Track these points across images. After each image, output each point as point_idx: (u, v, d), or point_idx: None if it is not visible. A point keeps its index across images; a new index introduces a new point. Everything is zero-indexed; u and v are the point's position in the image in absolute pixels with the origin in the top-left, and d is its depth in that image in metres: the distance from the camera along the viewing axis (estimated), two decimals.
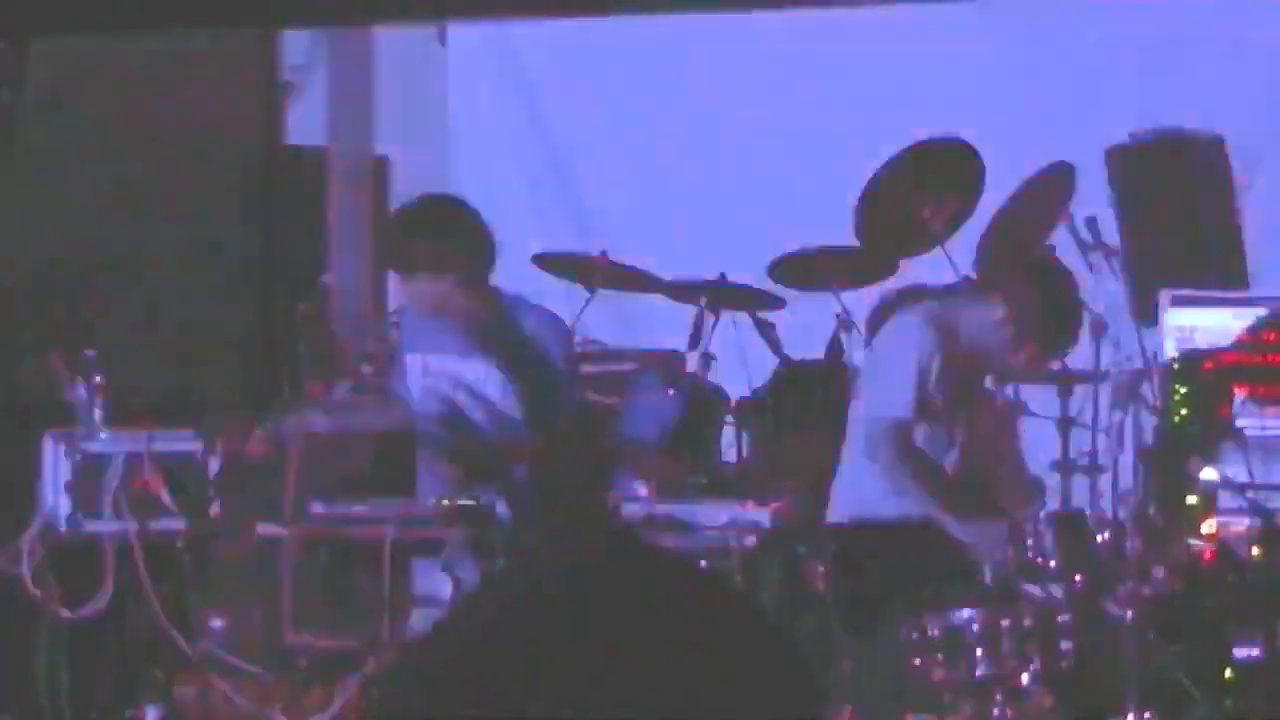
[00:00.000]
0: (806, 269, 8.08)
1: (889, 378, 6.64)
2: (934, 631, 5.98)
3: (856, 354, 7.94)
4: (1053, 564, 6.12)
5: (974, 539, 6.43)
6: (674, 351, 8.18)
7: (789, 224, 8.84)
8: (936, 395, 6.62)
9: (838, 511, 6.74)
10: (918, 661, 5.99)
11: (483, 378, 6.84)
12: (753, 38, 9.30)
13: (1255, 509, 6.53)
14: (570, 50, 9.66)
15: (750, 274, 8.14)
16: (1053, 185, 7.88)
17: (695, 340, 8.03)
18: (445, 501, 6.52)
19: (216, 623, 7.39)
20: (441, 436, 6.84)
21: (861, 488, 6.67)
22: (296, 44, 9.83)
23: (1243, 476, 6.72)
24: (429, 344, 6.91)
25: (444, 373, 6.88)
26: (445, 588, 6.60)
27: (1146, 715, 5.88)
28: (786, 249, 8.13)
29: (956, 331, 6.69)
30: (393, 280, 7.08)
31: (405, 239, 6.88)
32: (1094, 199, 8.21)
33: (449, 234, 6.83)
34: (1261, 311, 7.32)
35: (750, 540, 6.71)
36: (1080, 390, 8.28)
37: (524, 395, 6.79)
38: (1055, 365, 7.94)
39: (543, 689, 1.85)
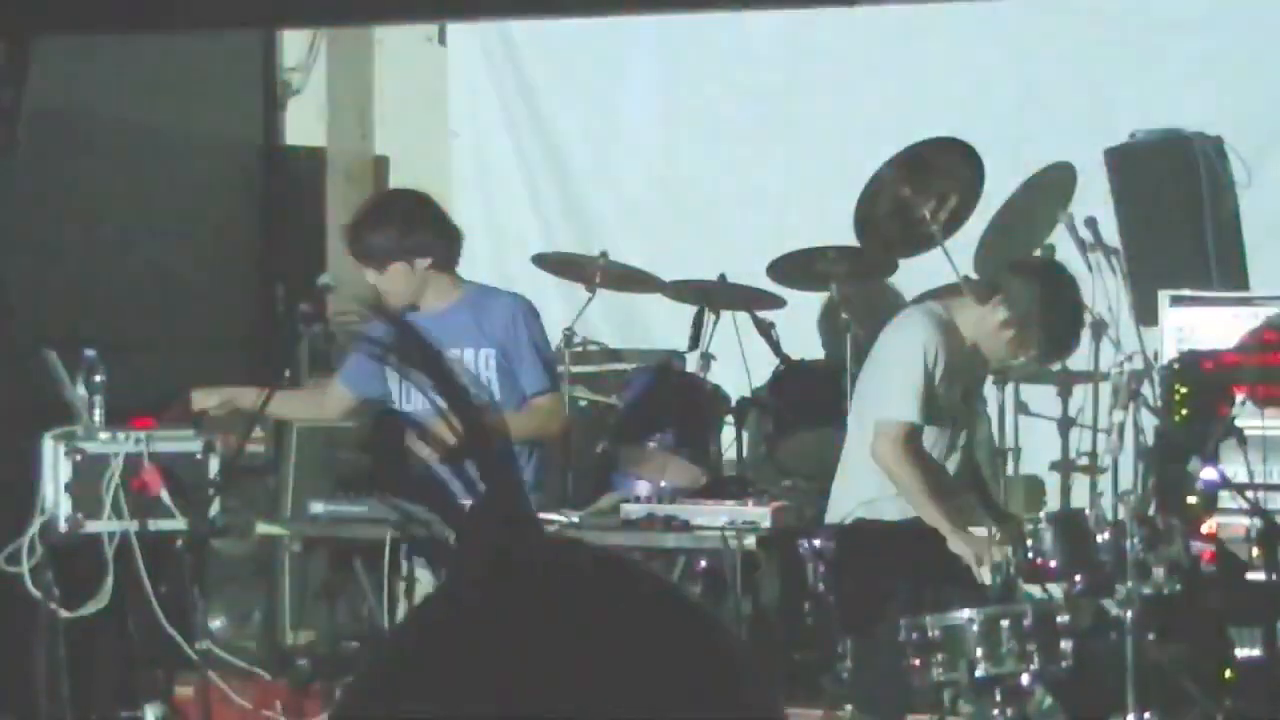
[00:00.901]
0: (806, 269, 8.08)
1: (894, 378, 6.63)
2: (934, 631, 5.98)
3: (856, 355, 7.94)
4: (1053, 564, 6.12)
5: (970, 543, 6.42)
6: (674, 351, 8.17)
7: (789, 224, 8.84)
8: (940, 396, 6.62)
9: (838, 511, 6.74)
10: (917, 661, 5.99)
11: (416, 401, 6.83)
12: (753, 37, 9.30)
13: (1255, 509, 6.52)
14: (570, 50, 9.66)
15: (750, 274, 8.13)
16: (1053, 185, 7.88)
17: (695, 340, 8.03)
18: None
19: (216, 623, 7.40)
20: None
21: (862, 488, 6.67)
22: (296, 44, 9.84)
23: (1243, 476, 6.72)
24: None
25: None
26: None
27: (1146, 715, 5.88)
28: (786, 249, 8.13)
29: (959, 332, 6.69)
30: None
31: (365, 230, 6.95)
32: (1094, 199, 8.21)
33: (407, 223, 6.89)
34: (1262, 311, 7.32)
35: (750, 540, 6.71)
36: (1080, 390, 8.29)
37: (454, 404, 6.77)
38: (1055, 365, 7.94)
39: (484, 699, 1.84)
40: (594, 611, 1.89)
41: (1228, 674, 6.41)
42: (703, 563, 6.86)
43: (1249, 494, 6.58)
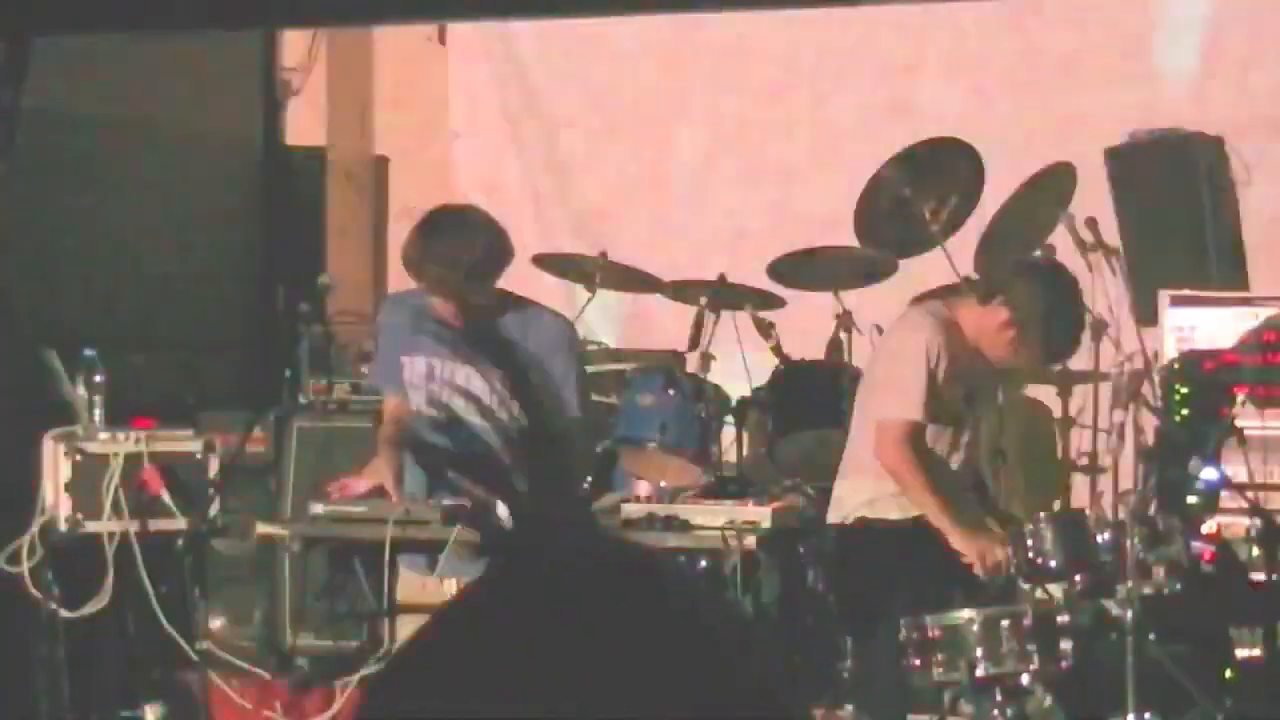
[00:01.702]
0: (806, 269, 8.08)
1: (897, 377, 6.62)
2: (934, 631, 5.98)
3: (856, 354, 7.93)
4: (1053, 564, 6.12)
5: (973, 541, 6.41)
6: (674, 351, 8.17)
7: (789, 224, 8.84)
8: (943, 395, 6.61)
9: (840, 511, 6.73)
10: (918, 661, 5.99)
11: (480, 384, 6.78)
12: (753, 37, 9.30)
13: (1255, 509, 6.53)
14: (570, 50, 9.66)
15: (750, 274, 8.13)
16: (1053, 185, 7.88)
17: (695, 340, 8.02)
18: (444, 502, 6.52)
19: (216, 623, 7.40)
20: (437, 442, 6.80)
21: (864, 487, 6.66)
22: (296, 44, 9.83)
23: (1243, 476, 6.72)
24: (426, 347, 6.83)
25: (443, 379, 6.81)
26: (441, 588, 6.61)
27: (1146, 715, 5.88)
28: (786, 249, 8.13)
29: (961, 332, 6.68)
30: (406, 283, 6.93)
31: (422, 253, 6.73)
32: (1094, 199, 8.21)
33: (492, 244, 6.70)
34: (1262, 311, 7.32)
35: (750, 540, 6.71)
36: (1080, 390, 8.29)
37: (526, 400, 6.75)
38: (1057, 366, 7.94)
39: (524, 693, 1.85)
40: (600, 615, 1.89)
41: (1228, 674, 6.41)
42: (703, 563, 6.86)
43: (1249, 494, 6.58)
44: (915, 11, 8.85)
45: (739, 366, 8.07)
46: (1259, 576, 6.44)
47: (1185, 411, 7.03)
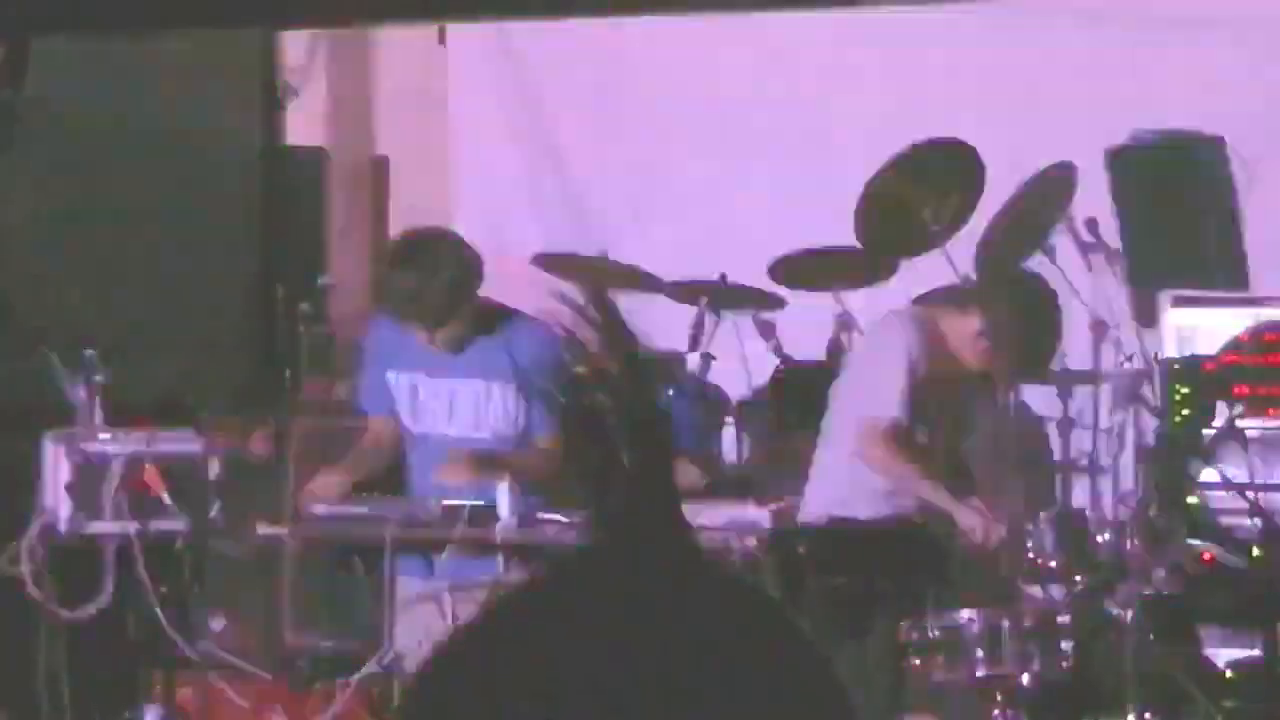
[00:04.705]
0: (806, 269, 8.08)
1: (878, 379, 6.63)
2: (934, 631, 5.98)
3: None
4: (1053, 564, 6.12)
5: (972, 518, 6.40)
6: (674, 351, 8.18)
7: (789, 224, 8.84)
8: (923, 398, 6.62)
9: (809, 512, 6.73)
10: (918, 661, 5.99)
11: (467, 398, 6.73)
12: (753, 38, 9.30)
13: (1255, 509, 6.53)
14: (570, 50, 9.66)
15: (750, 274, 8.14)
16: (1052, 186, 7.87)
17: (695, 340, 8.03)
18: (445, 502, 6.52)
19: (216, 623, 7.40)
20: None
21: (835, 488, 6.67)
22: (296, 44, 9.83)
23: (1243, 476, 6.72)
24: (409, 365, 6.77)
25: (428, 396, 6.76)
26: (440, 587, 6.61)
27: (1146, 715, 5.88)
28: (786, 249, 8.13)
29: (942, 338, 6.69)
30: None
31: (387, 287, 6.68)
32: (1094, 199, 8.21)
33: (423, 275, 6.55)
34: (1262, 311, 7.32)
35: (750, 540, 6.71)
36: (1081, 391, 8.28)
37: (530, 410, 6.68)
38: (1054, 370, 7.94)
39: (576, 701, 1.86)
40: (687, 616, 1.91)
41: (1228, 674, 6.41)
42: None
43: (1249, 494, 6.58)
44: (916, 11, 8.84)
45: (739, 366, 8.08)
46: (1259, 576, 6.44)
47: (1185, 412, 7.03)
